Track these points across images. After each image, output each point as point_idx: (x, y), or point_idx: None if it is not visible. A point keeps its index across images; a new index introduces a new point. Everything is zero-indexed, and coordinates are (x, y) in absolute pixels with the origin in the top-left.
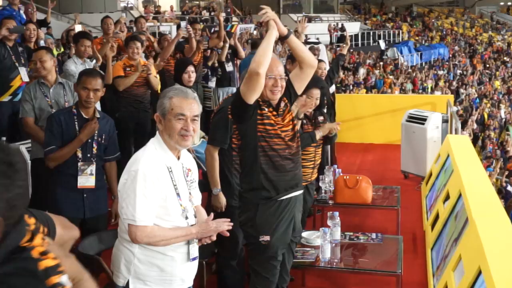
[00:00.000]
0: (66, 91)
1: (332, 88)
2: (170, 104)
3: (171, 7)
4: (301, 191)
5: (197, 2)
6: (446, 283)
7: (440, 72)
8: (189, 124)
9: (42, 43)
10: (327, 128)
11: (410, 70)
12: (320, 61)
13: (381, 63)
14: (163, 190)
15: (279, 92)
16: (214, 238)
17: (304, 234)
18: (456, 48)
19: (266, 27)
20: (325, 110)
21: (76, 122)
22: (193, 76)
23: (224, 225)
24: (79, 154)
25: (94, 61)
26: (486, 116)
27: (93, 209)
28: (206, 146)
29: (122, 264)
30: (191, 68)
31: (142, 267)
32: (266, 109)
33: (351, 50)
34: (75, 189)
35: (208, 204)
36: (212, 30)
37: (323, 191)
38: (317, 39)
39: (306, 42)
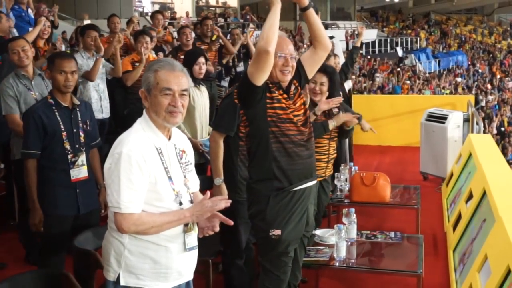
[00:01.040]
0: (47, 82)
1: (349, 85)
2: (155, 78)
3: (187, 13)
4: (314, 182)
5: (213, 9)
6: (470, 285)
7: (459, 79)
8: (177, 99)
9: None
10: (342, 119)
11: (428, 75)
12: (335, 55)
13: (399, 69)
14: (152, 173)
15: (289, 73)
16: (217, 229)
17: (318, 232)
18: (475, 55)
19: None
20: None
21: (56, 113)
22: (204, 68)
23: (222, 202)
24: (68, 146)
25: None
26: (506, 123)
27: (87, 204)
28: (212, 132)
29: (112, 256)
30: (202, 60)
31: (134, 259)
32: (276, 92)
33: (369, 57)
34: (67, 185)
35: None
36: (228, 37)
37: (338, 189)
38: (332, 37)
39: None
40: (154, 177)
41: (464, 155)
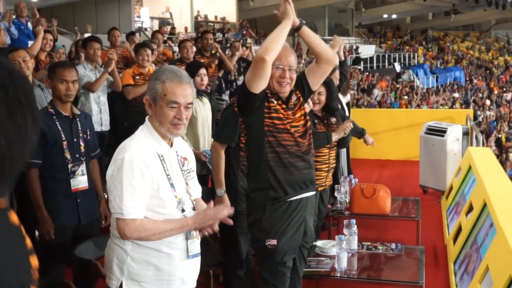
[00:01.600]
0: (46, 93)
1: (347, 98)
2: (162, 89)
3: (186, 28)
4: (313, 192)
5: (212, 24)
6: None
7: (456, 95)
8: (183, 112)
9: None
10: (342, 130)
11: (425, 91)
12: (334, 70)
13: (397, 85)
14: (155, 179)
15: (287, 85)
16: (216, 228)
17: (319, 243)
18: (472, 71)
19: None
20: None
21: (57, 122)
22: (205, 79)
23: (224, 211)
24: (68, 156)
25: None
26: (503, 139)
27: (88, 214)
28: (213, 143)
29: (115, 264)
30: (203, 71)
31: (136, 267)
32: (275, 102)
33: (367, 73)
34: (68, 195)
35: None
36: (226, 52)
37: (338, 201)
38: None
39: None
40: (157, 183)
41: (463, 168)
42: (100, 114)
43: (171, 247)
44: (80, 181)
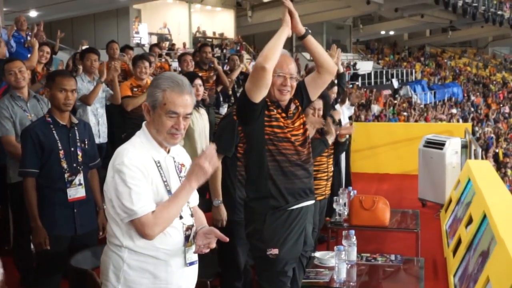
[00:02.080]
0: (42, 104)
1: (351, 111)
2: (163, 98)
3: (184, 44)
4: (312, 201)
5: (210, 40)
6: None
7: (454, 111)
8: (181, 123)
9: None
10: (333, 131)
11: (423, 107)
12: (333, 85)
13: (395, 101)
14: (153, 185)
15: (288, 93)
16: (214, 245)
17: (318, 254)
18: (470, 87)
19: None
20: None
21: (54, 131)
22: (201, 89)
23: (214, 158)
24: (65, 165)
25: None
26: (501, 155)
27: (84, 225)
28: None
29: (111, 271)
30: (198, 82)
31: (133, 274)
32: (275, 111)
33: (364, 89)
34: (64, 205)
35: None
36: (225, 67)
37: (337, 213)
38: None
39: None
40: (156, 188)
41: (462, 180)
42: (98, 126)
43: (169, 255)
44: (78, 191)
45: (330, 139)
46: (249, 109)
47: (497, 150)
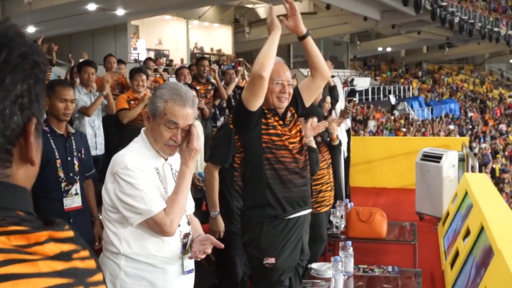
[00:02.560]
0: None
1: (347, 123)
2: (164, 108)
3: (182, 60)
4: (309, 210)
5: (208, 56)
6: None
7: (452, 127)
8: (179, 135)
9: None
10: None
11: (420, 123)
12: (325, 97)
13: (392, 117)
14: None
15: (286, 100)
16: (209, 250)
17: (314, 265)
18: (467, 103)
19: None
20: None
21: (51, 141)
22: (196, 101)
23: (200, 134)
24: (61, 175)
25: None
26: (497, 171)
27: (80, 235)
28: (206, 164)
29: (107, 279)
30: (193, 93)
31: (130, 282)
32: (272, 118)
33: (362, 105)
34: (60, 215)
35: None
36: (222, 82)
37: (334, 226)
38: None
39: None
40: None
41: (460, 194)
42: (94, 138)
43: (166, 262)
44: (74, 201)
45: (309, 142)
46: (246, 118)
47: (494, 166)
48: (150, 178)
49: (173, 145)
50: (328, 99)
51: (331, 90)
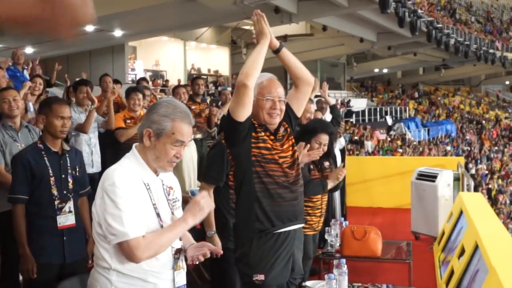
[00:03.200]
0: (33, 134)
1: (342, 142)
2: (172, 127)
3: (179, 81)
4: (301, 225)
5: (205, 77)
6: None
7: (448, 148)
8: (182, 151)
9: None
10: (335, 177)
11: (417, 143)
12: (311, 100)
13: (388, 138)
14: (142, 206)
15: (277, 116)
16: (208, 254)
17: (309, 283)
18: (464, 125)
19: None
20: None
21: (45, 158)
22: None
23: (211, 201)
24: (55, 192)
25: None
26: (494, 191)
27: (74, 253)
28: (200, 184)
29: None
30: None
31: None
32: (263, 133)
33: (358, 125)
34: (54, 232)
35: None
36: (220, 103)
37: (329, 244)
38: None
39: (315, 96)
40: (144, 208)
41: (455, 213)
42: (91, 156)
43: (158, 277)
44: (68, 218)
45: (330, 184)
46: (235, 130)
47: (490, 187)
48: (138, 196)
49: (175, 162)
50: (311, 107)
51: (332, 110)
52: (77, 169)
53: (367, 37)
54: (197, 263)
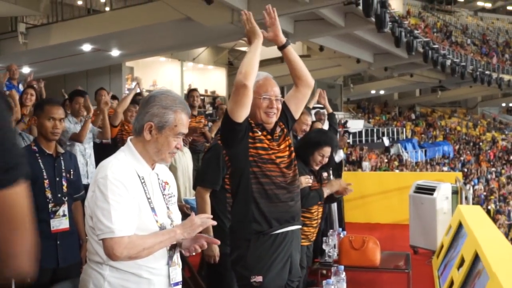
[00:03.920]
0: (27, 141)
1: (341, 154)
2: (175, 119)
3: None
4: (298, 226)
5: (202, 98)
6: None
7: (445, 169)
8: (181, 141)
9: None
10: (335, 187)
11: (414, 164)
12: (307, 109)
13: (386, 160)
14: (136, 200)
15: (274, 115)
16: (205, 246)
17: None
18: (461, 146)
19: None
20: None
21: (39, 160)
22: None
23: (210, 220)
24: (49, 195)
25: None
26: (492, 211)
27: (67, 257)
28: (197, 188)
29: None
30: None
31: None
32: (259, 132)
33: (355, 146)
34: (47, 236)
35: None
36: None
37: (326, 255)
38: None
39: (312, 108)
40: (138, 204)
41: (454, 225)
42: (86, 167)
43: (152, 273)
44: (61, 222)
45: (326, 192)
46: (232, 130)
47: (489, 208)
48: (132, 191)
49: (175, 152)
50: (307, 119)
51: (329, 117)
52: (72, 172)
53: (364, 58)
54: (195, 265)
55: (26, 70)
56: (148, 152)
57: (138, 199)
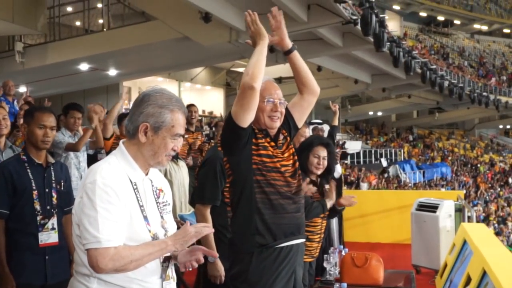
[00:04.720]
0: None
1: (338, 170)
2: (172, 120)
3: None
4: (303, 240)
5: (200, 118)
6: None
7: (443, 190)
8: (178, 143)
9: None
10: (332, 195)
11: (412, 185)
12: (306, 124)
13: (384, 181)
14: (127, 207)
15: (278, 120)
16: (202, 260)
17: None
18: (459, 168)
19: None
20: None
21: (28, 170)
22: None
23: (205, 229)
24: (38, 207)
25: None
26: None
27: (56, 273)
28: (196, 206)
29: None
30: None
31: None
32: (263, 139)
33: (353, 167)
34: (35, 251)
35: (204, 275)
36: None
37: (328, 273)
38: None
39: (310, 123)
40: (129, 212)
41: (457, 244)
42: (79, 180)
43: (144, 286)
44: (50, 236)
45: (329, 203)
46: (236, 136)
47: (490, 229)
48: (122, 198)
49: (172, 155)
50: (306, 131)
51: (331, 129)
52: (62, 183)
53: (362, 79)
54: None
55: (23, 89)
56: (143, 155)
57: (130, 207)
